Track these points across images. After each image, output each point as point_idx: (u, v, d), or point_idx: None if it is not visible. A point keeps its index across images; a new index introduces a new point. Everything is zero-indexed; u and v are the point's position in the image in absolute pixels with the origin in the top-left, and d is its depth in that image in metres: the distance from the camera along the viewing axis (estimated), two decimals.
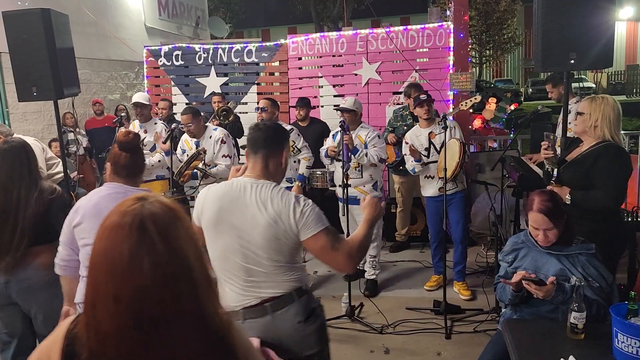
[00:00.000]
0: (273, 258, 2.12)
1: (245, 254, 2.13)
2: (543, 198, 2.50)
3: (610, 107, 2.97)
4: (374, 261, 4.69)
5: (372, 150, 4.49)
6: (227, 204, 2.18)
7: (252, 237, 2.12)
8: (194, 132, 4.67)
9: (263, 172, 2.23)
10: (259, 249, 2.12)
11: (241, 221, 2.13)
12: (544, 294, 2.37)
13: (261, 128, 2.30)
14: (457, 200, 4.48)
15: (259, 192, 2.15)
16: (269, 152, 2.24)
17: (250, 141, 2.28)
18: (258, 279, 2.14)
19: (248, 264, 2.14)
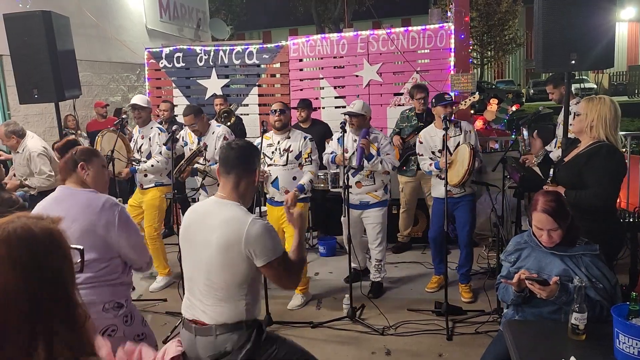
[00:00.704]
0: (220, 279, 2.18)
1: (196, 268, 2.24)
2: (548, 198, 2.49)
3: (607, 107, 2.97)
4: (379, 265, 4.68)
5: (387, 158, 4.44)
6: (193, 221, 2.29)
7: (205, 254, 2.19)
8: (200, 131, 4.67)
9: (233, 192, 2.26)
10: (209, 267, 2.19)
11: (200, 238, 2.22)
12: (547, 294, 2.36)
13: (234, 147, 2.30)
14: (465, 204, 4.46)
15: (221, 212, 2.21)
16: (241, 172, 2.27)
17: (222, 160, 2.30)
18: (199, 297, 2.24)
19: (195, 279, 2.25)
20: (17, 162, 5.05)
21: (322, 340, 3.92)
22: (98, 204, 2.51)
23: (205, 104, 6.97)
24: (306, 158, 4.42)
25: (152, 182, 4.99)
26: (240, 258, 2.14)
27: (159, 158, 4.91)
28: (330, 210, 5.45)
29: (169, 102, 6.44)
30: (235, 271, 2.17)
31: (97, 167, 2.63)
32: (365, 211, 4.58)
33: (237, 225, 2.14)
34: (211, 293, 2.20)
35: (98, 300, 2.43)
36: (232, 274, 2.18)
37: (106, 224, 2.47)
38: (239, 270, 2.17)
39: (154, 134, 4.98)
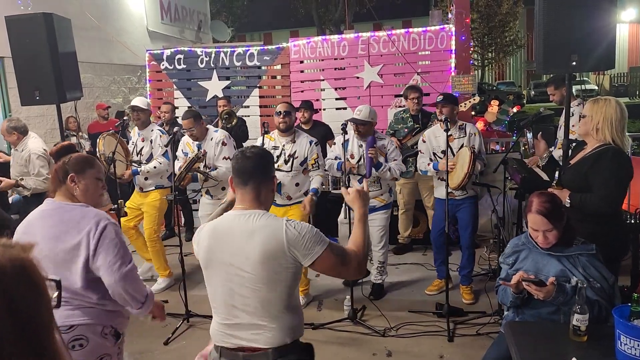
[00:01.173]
0: (263, 298, 1.99)
1: (232, 291, 2.03)
2: (542, 199, 2.49)
3: (612, 109, 2.93)
4: (381, 266, 4.68)
5: (394, 164, 4.41)
6: (216, 241, 2.07)
7: (242, 272, 1.99)
8: (197, 136, 4.65)
9: (254, 203, 2.08)
10: (249, 285, 1.99)
11: (231, 257, 2.01)
12: (544, 294, 2.36)
13: (249, 156, 2.10)
14: (467, 206, 4.45)
15: (247, 223, 2.02)
16: (260, 182, 2.09)
17: (238, 171, 2.10)
18: (241, 321, 2.03)
19: (234, 303, 2.03)
20: (14, 160, 5.02)
21: (323, 341, 3.92)
22: (87, 219, 2.27)
23: (206, 106, 6.99)
24: (313, 164, 4.39)
25: (152, 185, 4.99)
26: (285, 265, 1.97)
27: (161, 160, 4.91)
28: (330, 211, 5.45)
29: (170, 104, 6.45)
30: (280, 283, 1.99)
31: (89, 179, 2.37)
32: (371, 214, 4.57)
33: (273, 230, 1.97)
34: (257, 314, 2.00)
35: (97, 323, 2.27)
36: (278, 287, 1.99)
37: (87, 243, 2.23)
38: (285, 281, 2.00)
39: (155, 136, 4.97)
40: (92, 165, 2.40)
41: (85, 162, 2.38)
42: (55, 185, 2.37)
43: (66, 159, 2.37)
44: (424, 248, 5.82)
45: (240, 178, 2.10)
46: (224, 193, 4.66)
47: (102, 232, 2.24)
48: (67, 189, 2.34)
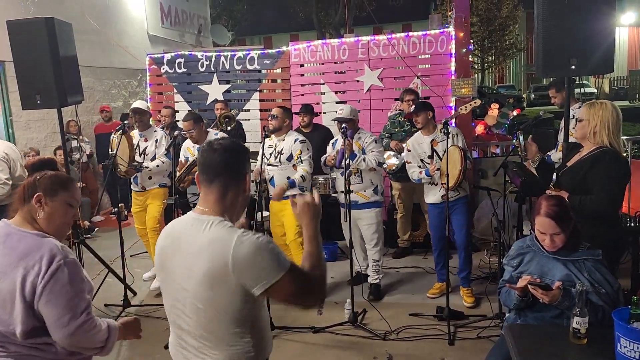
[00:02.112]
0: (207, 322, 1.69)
1: (176, 308, 1.77)
2: (551, 202, 2.49)
3: (609, 112, 2.96)
4: (377, 265, 4.70)
5: (371, 155, 4.51)
6: (168, 245, 1.79)
7: (184, 289, 1.71)
8: (196, 138, 4.70)
9: (217, 205, 1.77)
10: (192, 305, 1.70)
11: (176, 267, 1.74)
12: (550, 299, 2.36)
13: (216, 149, 1.77)
14: (460, 206, 4.48)
15: (198, 233, 1.70)
16: (227, 180, 1.77)
17: (203, 166, 1.79)
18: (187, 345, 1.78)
19: (180, 323, 1.77)
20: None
21: (323, 345, 3.92)
22: (36, 255, 1.87)
23: (206, 109, 7.00)
24: (296, 159, 4.58)
25: (155, 184, 5.09)
26: (232, 290, 1.63)
27: (163, 159, 5.00)
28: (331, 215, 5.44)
29: (170, 108, 6.46)
30: (229, 309, 1.66)
31: (59, 203, 2.00)
32: (358, 212, 4.60)
33: (221, 249, 1.63)
34: (208, 337, 1.72)
35: None
36: (227, 314, 1.67)
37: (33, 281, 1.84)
38: (234, 307, 1.66)
39: (160, 136, 5.07)
40: (66, 188, 2.02)
41: (60, 183, 2.02)
42: (17, 203, 2.00)
43: (39, 175, 2.01)
44: (424, 251, 5.82)
45: (205, 175, 1.79)
46: None
47: (52, 274, 1.85)
48: (30, 210, 1.97)
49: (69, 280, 1.88)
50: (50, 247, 1.90)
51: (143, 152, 5.05)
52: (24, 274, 1.85)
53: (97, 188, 8.06)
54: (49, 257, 1.87)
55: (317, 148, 5.13)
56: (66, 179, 2.08)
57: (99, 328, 1.97)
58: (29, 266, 1.86)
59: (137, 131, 5.16)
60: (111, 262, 5.21)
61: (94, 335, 1.94)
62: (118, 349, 4.07)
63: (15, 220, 1.99)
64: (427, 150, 4.52)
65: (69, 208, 2.04)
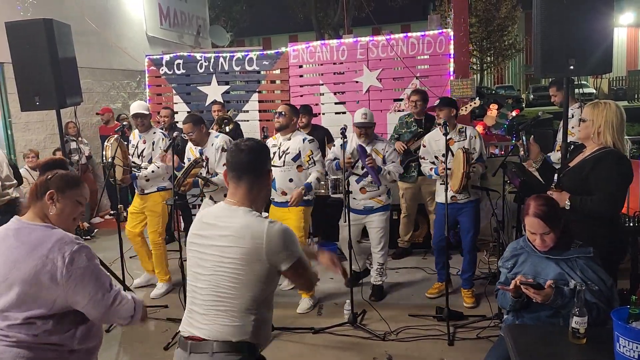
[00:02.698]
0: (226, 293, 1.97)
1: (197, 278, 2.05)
2: (539, 202, 2.50)
3: (613, 112, 2.92)
4: (381, 268, 4.69)
5: (392, 167, 4.47)
6: (203, 228, 2.07)
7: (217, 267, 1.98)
8: (196, 140, 4.66)
9: (245, 198, 2.06)
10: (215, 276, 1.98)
11: (211, 249, 2.01)
12: (542, 298, 2.37)
13: (243, 149, 2.07)
14: (469, 209, 4.45)
15: (233, 221, 2.00)
16: (253, 177, 2.07)
17: (232, 165, 2.08)
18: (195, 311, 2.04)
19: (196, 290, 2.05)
20: None
21: (323, 346, 3.92)
22: (48, 244, 1.97)
23: (205, 111, 7.00)
24: (308, 161, 4.47)
25: (154, 187, 5.00)
26: (262, 269, 1.95)
27: (159, 164, 4.92)
28: (330, 216, 5.45)
29: (169, 109, 6.46)
30: (253, 284, 1.97)
31: (69, 201, 2.13)
32: (369, 216, 4.58)
33: (254, 234, 1.94)
34: (217, 304, 1.98)
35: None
36: (249, 287, 1.97)
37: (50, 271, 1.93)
38: (258, 282, 1.97)
39: (157, 138, 5.00)
40: (76, 186, 2.16)
41: (70, 182, 2.15)
42: (30, 200, 2.13)
43: (51, 174, 2.15)
44: (423, 252, 5.82)
45: (234, 172, 2.07)
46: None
47: (71, 262, 1.95)
48: (42, 206, 2.09)
49: (87, 262, 1.99)
50: (60, 237, 2.00)
51: (141, 154, 5.01)
52: (37, 263, 1.94)
53: (96, 189, 8.05)
54: (61, 246, 1.97)
55: None
56: (76, 177, 2.23)
57: (128, 300, 2.12)
58: (42, 255, 1.95)
59: (137, 131, 5.13)
60: (110, 264, 5.20)
61: (125, 304, 2.09)
62: (117, 350, 4.07)
63: (27, 216, 2.10)
64: (442, 148, 4.42)
65: (78, 205, 2.17)
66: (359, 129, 4.48)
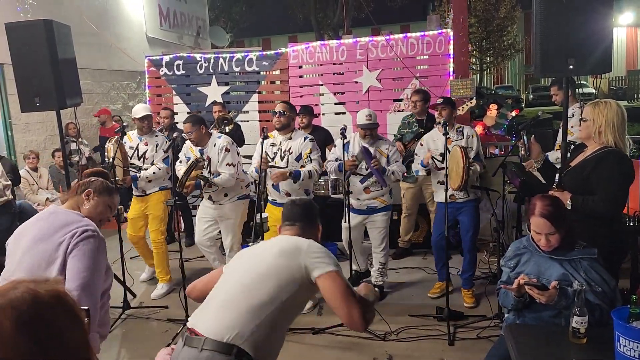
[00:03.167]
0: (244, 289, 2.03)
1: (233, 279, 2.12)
2: (545, 202, 2.50)
3: (613, 111, 2.92)
4: (382, 268, 4.70)
5: (395, 167, 4.48)
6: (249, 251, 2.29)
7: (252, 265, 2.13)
8: (196, 141, 4.65)
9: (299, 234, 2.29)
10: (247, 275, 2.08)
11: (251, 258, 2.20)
12: (546, 298, 2.36)
13: (298, 204, 2.41)
14: (468, 209, 4.46)
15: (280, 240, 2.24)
16: (306, 225, 2.34)
17: (286, 217, 2.36)
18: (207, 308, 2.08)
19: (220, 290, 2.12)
20: None
21: (323, 346, 3.92)
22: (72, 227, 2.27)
23: (205, 111, 7.00)
24: (306, 159, 4.47)
25: (155, 187, 5.02)
26: (296, 266, 2.04)
27: (160, 165, 4.93)
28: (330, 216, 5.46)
29: (169, 110, 6.46)
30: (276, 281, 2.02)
31: (102, 203, 2.48)
32: (371, 216, 4.59)
33: (298, 240, 2.16)
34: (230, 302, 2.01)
35: None
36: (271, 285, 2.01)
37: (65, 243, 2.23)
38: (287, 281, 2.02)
39: (160, 141, 5.02)
40: (111, 194, 2.52)
41: (108, 189, 2.50)
42: (69, 194, 2.48)
43: (94, 178, 2.50)
44: (423, 252, 5.82)
45: (289, 221, 2.35)
46: (226, 199, 4.68)
47: (81, 239, 2.22)
48: (78, 200, 2.43)
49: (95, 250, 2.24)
50: (86, 223, 2.30)
51: (142, 156, 5.01)
52: (61, 238, 2.21)
53: None
54: (85, 226, 2.26)
55: None
56: (112, 188, 2.56)
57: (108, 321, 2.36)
58: (68, 231, 2.23)
59: (135, 133, 5.12)
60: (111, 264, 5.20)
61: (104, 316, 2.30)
62: (118, 350, 4.07)
63: (64, 205, 2.44)
64: (440, 148, 4.45)
65: (108, 209, 2.51)
66: (364, 130, 4.48)
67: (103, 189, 2.48)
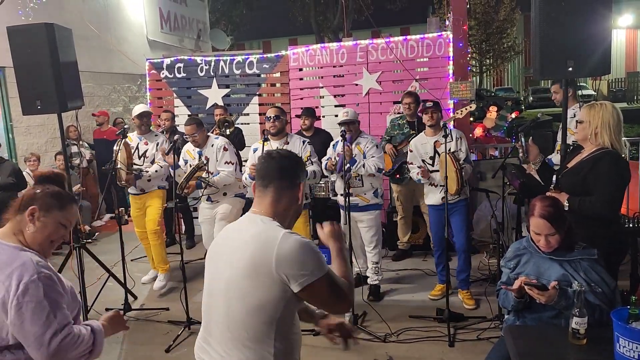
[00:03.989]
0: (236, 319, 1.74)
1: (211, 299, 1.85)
2: (545, 203, 2.51)
3: (609, 113, 2.95)
4: (376, 267, 4.72)
5: (370, 161, 4.50)
6: (221, 241, 1.90)
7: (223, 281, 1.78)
8: (199, 142, 4.74)
9: (269, 208, 1.84)
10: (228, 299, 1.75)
11: (222, 264, 1.82)
12: (546, 299, 2.37)
13: (274, 156, 1.89)
14: (460, 209, 4.49)
15: (248, 228, 1.80)
16: (282, 185, 1.85)
17: (260, 172, 1.89)
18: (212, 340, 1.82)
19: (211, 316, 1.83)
20: None
21: (324, 347, 3.92)
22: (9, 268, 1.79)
23: (205, 114, 7.02)
24: (306, 161, 4.50)
25: (154, 186, 5.15)
26: (271, 284, 1.69)
27: (162, 163, 5.05)
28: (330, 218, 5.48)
29: (170, 112, 6.48)
30: (262, 303, 1.70)
31: (52, 222, 1.93)
32: (358, 214, 4.61)
33: (266, 242, 1.71)
34: (232, 334, 1.75)
35: None
36: (258, 307, 1.71)
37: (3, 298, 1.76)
38: (268, 302, 1.70)
39: (161, 140, 5.14)
40: (63, 207, 1.97)
41: (58, 201, 1.96)
42: (11, 211, 1.95)
43: (39, 188, 1.97)
44: (423, 254, 5.83)
45: (261, 179, 1.88)
46: (225, 198, 4.75)
47: (24, 293, 1.75)
48: (20, 221, 1.92)
49: (44, 296, 1.78)
50: (24, 262, 1.81)
51: (143, 155, 5.09)
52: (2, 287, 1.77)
53: (97, 193, 8.07)
54: (19, 274, 1.78)
55: (318, 152, 5.14)
56: (65, 198, 2.00)
57: (82, 337, 1.87)
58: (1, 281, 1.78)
59: (135, 135, 5.19)
60: (112, 267, 5.22)
61: (78, 346, 1.84)
62: (119, 353, 4.08)
63: (3, 230, 1.94)
64: (429, 151, 4.53)
65: (61, 228, 1.97)
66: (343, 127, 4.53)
67: (52, 202, 1.93)
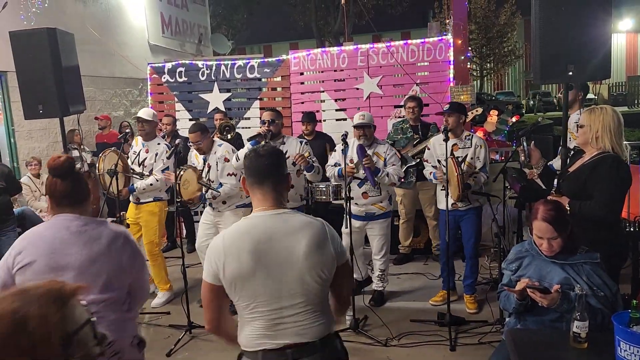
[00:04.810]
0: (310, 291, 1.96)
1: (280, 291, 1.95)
2: (548, 207, 2.51)
3: (609, 117, 2.95)
4: (383, 275, 4.71)
5: (392, 169, 4.47)
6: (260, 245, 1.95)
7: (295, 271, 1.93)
8: (203, 149, 4.66)
9: (277, 201, 2.03)
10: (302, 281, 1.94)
11: (279, 259, 1.94)
12: (549, 302, 2.37)
13: (263, 154, 2.05)
14: (470, 216, 4.48)
15: (290, 223, 1.98)
16: (277, 179, 2.05)
17: (252, 170, 2.04)
18: (285, 322, 1.97)
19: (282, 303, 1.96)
20: None
21: None
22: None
23: (207, 118, 7.03)
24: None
25: (150, 197, 4.92)
26: (331, 256, 1.98)
27: (158, 177, 4.82)
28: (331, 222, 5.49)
29: (171, 117, 6.49)
30: (327, 271, 1.98)
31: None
32: (370, 222, 4.60)
33: (317, 226, 1.99)
34: (308, 308, 1.97)
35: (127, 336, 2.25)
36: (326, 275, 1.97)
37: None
38: (330, 271, 1.99)
39: (161, 150, 4.89)
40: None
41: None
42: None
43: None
44: (425, 258, 5.83)
45: (256, 177, 2.03)
46: (224, 206, 4.68)
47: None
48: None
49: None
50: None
51: (142, 163, 4.96)
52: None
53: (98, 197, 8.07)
54: None
55: (320, 156, 5.14)
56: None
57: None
58: None
59: (140, 138, 5.06)
60: None
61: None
62: None
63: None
64: (444, 153, 4.47)
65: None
66: (358, 130, 4.51)
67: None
